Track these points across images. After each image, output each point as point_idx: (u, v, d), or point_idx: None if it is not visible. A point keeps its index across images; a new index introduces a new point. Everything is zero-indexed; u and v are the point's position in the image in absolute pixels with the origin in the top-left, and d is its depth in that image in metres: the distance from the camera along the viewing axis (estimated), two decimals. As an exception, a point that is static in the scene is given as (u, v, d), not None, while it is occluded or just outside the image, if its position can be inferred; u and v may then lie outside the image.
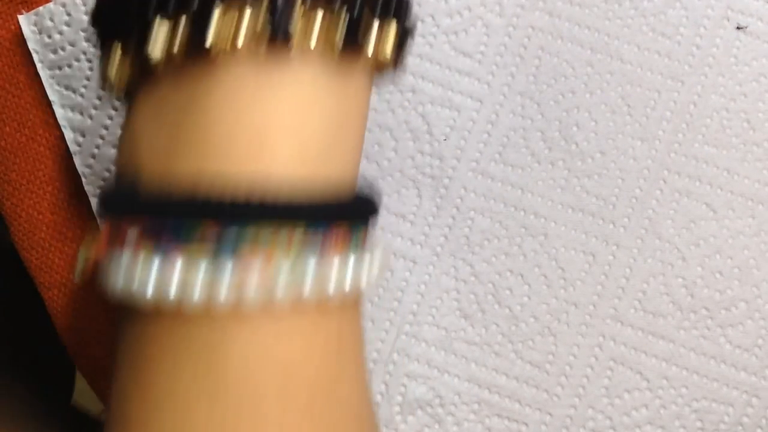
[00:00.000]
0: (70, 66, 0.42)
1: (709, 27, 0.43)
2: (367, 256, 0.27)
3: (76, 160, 0.42)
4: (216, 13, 0.24)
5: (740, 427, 0.42)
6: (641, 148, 0.43)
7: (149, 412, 0.25)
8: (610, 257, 0.43)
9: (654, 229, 0.42)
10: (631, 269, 0.43)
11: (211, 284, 0.24)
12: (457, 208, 0.43)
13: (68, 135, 0.43)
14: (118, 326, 0.27)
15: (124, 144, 0.27)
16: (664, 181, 0.42)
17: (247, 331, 0.25)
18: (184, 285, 0.24)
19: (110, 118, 0.42)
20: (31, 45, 0.42)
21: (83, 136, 0.43)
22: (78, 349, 0.44)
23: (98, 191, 0.42)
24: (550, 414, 0.42)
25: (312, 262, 0.25)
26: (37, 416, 0.61)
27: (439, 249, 0.43)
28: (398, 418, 0.42)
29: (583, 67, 0.43)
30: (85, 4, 0.42)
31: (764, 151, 0.43)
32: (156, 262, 0.24)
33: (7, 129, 0.43)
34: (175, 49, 0.25)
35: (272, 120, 0.25)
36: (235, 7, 0.24)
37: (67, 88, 0.42)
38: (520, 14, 0.43)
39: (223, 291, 0.24)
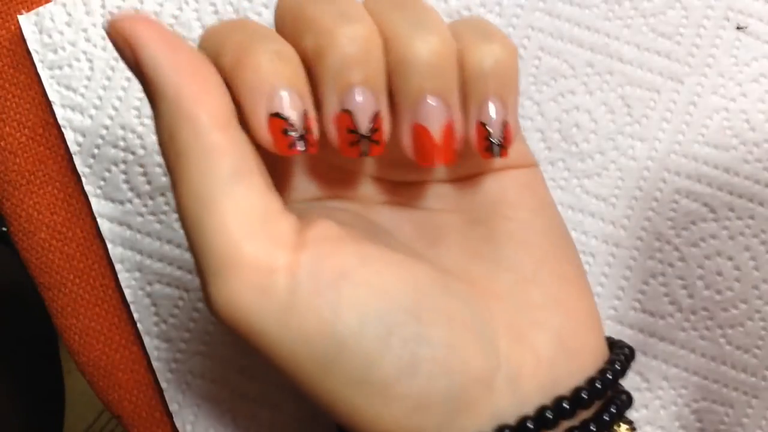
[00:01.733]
0: (70, 66, 0.42)
1: (709, 27, 0.43)
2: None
3: (76, 160, 0.43)
4: None
5: (740, 428, 0.42)
6: (641, 148, 0.43)
7: None
8: (610, 257, 0.43)
9: (654, 229, 0.42)
10: (631, 269, 0.42)
11: None
12: (457, 208, 0.42)
13: (68, 135, 0.43)
14: None
15: None
16: (664, 182, 0.42)
17: None
18: None
19: (110, 118, 0.42)
20: (31, 45, 0.42)
21: (83, 136, 0.43)
22: (78, 349, 0.44)
23: (98, 191, 0.43)
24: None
25: None
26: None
27: (438, 249, 0.42)
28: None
29: (583, 67, 0.43)
30: (85, 4, 0.42)
31: (764, 151, 0.43)
32: None
33: (7, 129, 0.43)
34: None
35: None
36: None
37: (67, 88, 0.42)
38: (520, 14, 0.43)
39: None
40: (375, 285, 0.29)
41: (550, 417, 0.30)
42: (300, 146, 0.29)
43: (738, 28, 0.43)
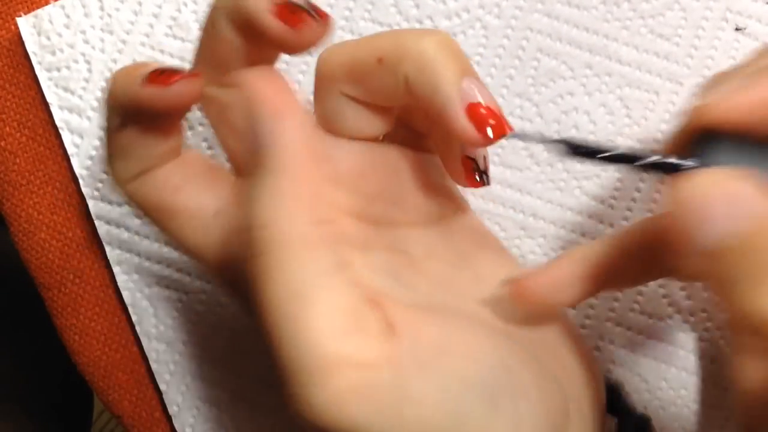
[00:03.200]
0: (68, 68, 0.42)
1: (707, 28, 0.43)
2: None
3: (74, 162, 0.43)
4: None
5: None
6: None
7: None
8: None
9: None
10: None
11: None
12: (456, 210, 0.42)
13: (66, 137, 0.43)
14: None
15: None
16: (663, 183, 0.42)
17: None
18: None
19: (108, 120, 0.42)
20: (29, 47, 0.42)
21: (81, 137, 0.43)
22: (78, 349, 0.44)
23: (95, 193, 0.42)
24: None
25: None
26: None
27: (437, 251, 0.42)
28: None
29: (582, 68, 0.43)
30: (84, 6, 0.42)
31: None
32: None
33: (7, 129, 0.43)
34: None
35: None
36: None
37: (65, 89, 0.42)
38: (519, 16, 0.43)
39: None
40: (468, 353, 0.29)
41: None
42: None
43: (737, 29, 0.43)
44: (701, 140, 0.28)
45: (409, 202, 0.34)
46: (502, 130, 0.30)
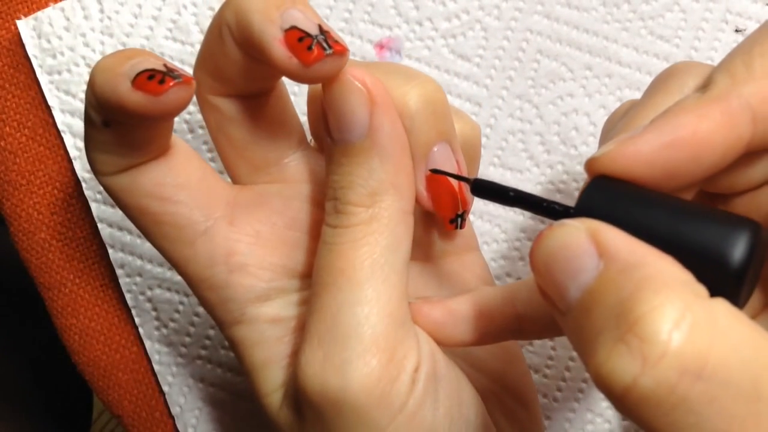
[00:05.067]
0: (69, 71, 0.42)
1: (707, 30, 0.43)
2: None
3: (76, 165, 0.43)
4: None
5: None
6: (640, 151, 0.43)
7: None
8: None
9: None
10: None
11: None
12: (456, 212, 0.43)
13: (68, 140, 0.43)
14: None
15: None
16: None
17: None
18: None
19: (109, 122, 0.42)
20: (29, 50, 0.42)
21: (83, 140, 0.43)
22: (78, 349, 0.44)
23: (98, 196, 0.43)
24: (549, 418, 0.42)
25: None
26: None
27: (437, 252, 0.43)
28: None
29: (582, 70, 0.43)
30: (83, 9, 0.42)
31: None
32: None
33: (7, 129, 0.43)
34: None
35: None
36: None
37: (66, 93, 0.42)
38: (518, 17, 0.43)
39: None
40: (455, 398, 0.30)
41: None
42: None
43: (736, 30, 0.43)
44: (592, 186, 0.27)
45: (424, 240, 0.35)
46: (453, 209, 0.32)
